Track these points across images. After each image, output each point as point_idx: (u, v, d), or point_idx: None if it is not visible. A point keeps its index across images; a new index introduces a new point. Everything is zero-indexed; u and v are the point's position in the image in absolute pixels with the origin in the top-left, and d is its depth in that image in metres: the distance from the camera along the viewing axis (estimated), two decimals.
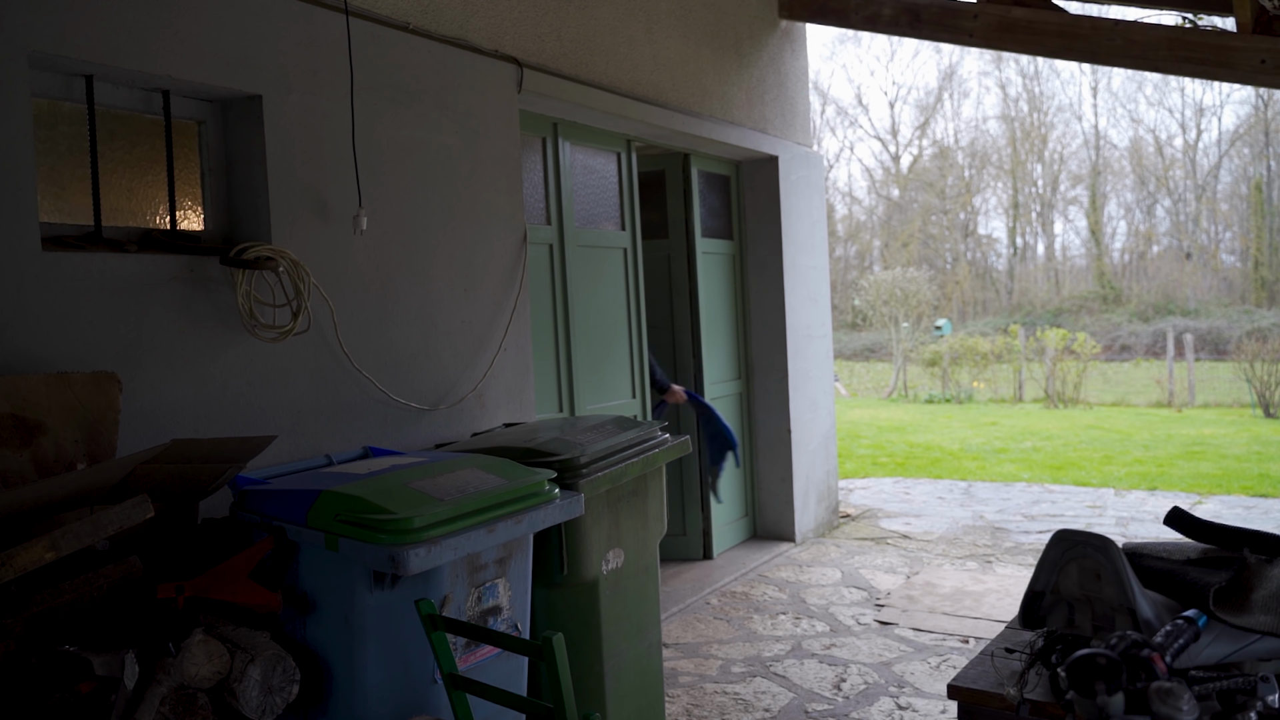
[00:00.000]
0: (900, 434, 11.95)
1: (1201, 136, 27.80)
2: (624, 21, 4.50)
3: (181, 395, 2.59)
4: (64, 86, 2.52)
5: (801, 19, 5.97)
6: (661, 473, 3.20)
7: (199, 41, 2.65)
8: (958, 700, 1.77)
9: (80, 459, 2.16)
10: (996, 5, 5.15)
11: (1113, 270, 27.77)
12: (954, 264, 29.11)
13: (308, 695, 2.20)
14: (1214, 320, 21.52)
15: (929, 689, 3.70)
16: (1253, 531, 2.04)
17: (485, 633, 2.14)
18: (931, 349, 17.97)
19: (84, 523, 1.84)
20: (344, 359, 3.03)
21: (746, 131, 5.51)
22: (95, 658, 1.81)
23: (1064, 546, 1.91)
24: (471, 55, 3.56)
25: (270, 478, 2.49)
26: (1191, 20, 5.12)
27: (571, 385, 4.48)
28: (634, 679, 3.04)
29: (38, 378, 2.14)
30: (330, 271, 2.99)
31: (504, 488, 2.38)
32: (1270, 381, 13.02)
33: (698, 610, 4.73)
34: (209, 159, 2.87)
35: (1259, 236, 25.28)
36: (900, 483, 8.42)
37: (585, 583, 2.84)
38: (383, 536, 2.10)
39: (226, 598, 2.10)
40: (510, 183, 3.75)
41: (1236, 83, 5.05)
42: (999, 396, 16.43)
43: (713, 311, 5.67)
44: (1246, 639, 1.70)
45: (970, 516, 6.83)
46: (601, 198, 4.80)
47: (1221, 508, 6.97)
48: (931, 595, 4.86)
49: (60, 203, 2.53)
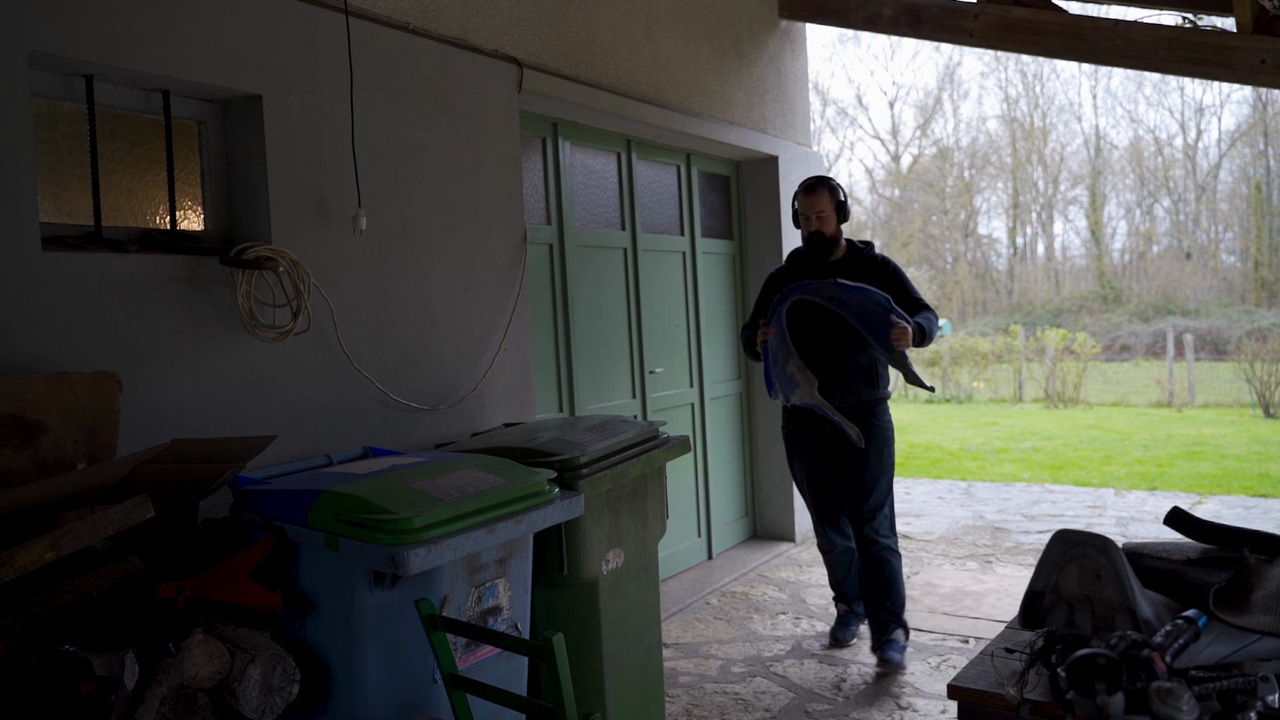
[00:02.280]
0: (900, 434, 11.86)
1: (1201, 136, 27.80)
2: (624, 21, 4.50)
3: (181, 395, 2.59)
4: (64, 86, 2.52)
5: (801, 19, 5.97)
6: (662, 473, 3.20)
7: (199, 41, 2.65)
8: (958, 700, 1.77)
9: (80, 459, 2.16)
10: (996, 5, 5.15)
11: (1113, 270, 27.77)
12: (954, 264, 29.11)
13: (308, 695, 2.20)
14: (1214, 320, 21.52)
15: (929, 689, 3.70)
16: (1253, 531, 2.04)
17: (485, 633, 2.14)
18: (932, 349, 17.96)
19: (84, 523, 1.84)
20: (344, 359, 3.03)
21: (746, 131, 5.51)
22: (95, 658, 1.81)
23: (1064, 546, 1.91)
24: (471, 55, 3.57)
25: (270, 478, 2.49)
26: (1191, 20, 5.11)
27: (571, 385, 4.48)
28: (634, 679, 3.04)
29: (38, 378, 2.14)
30: (330, 271, 2.99)
31: (504, 488, 2.38)
32: (1270, 381, 13.01)
33: (698, 610, 4.73)
34: (209, 159, 2.87)
35: (1259, 236, 25.27)
36: (900, 483, 8.42)
37: (585, 583, 2.84)
38: (383, 536, 2.10)
39: (226, 598, 2.10)
40: (510, 183, 3.75)
41: (1236, 83, 5.05)
42: (999, 396, 16.43)
43: (713, 311, 5.67)
44: (1246, 639, 1.70)
45: (970, 516, 6.83)
46: (601, 198, 4.80)
47: (1221, 508, 6.97)
48: (931, 595, 4.86)
49: (60, 203, 2.53)
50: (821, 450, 4.03)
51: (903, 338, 3.63)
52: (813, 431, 4.01)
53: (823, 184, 3.93)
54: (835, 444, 3.96)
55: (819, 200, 3.90)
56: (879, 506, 3.93)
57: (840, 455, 3.97)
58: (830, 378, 3.86)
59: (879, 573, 3.94)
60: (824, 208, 3.89)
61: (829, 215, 3.90)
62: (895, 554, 3.98)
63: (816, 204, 3.89)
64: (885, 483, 3.95)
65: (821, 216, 3.89)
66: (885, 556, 3.94)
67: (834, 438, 3.94)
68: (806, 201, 3.92)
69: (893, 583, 3.95)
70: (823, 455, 4.04)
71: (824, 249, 3.94)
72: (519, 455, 2.73)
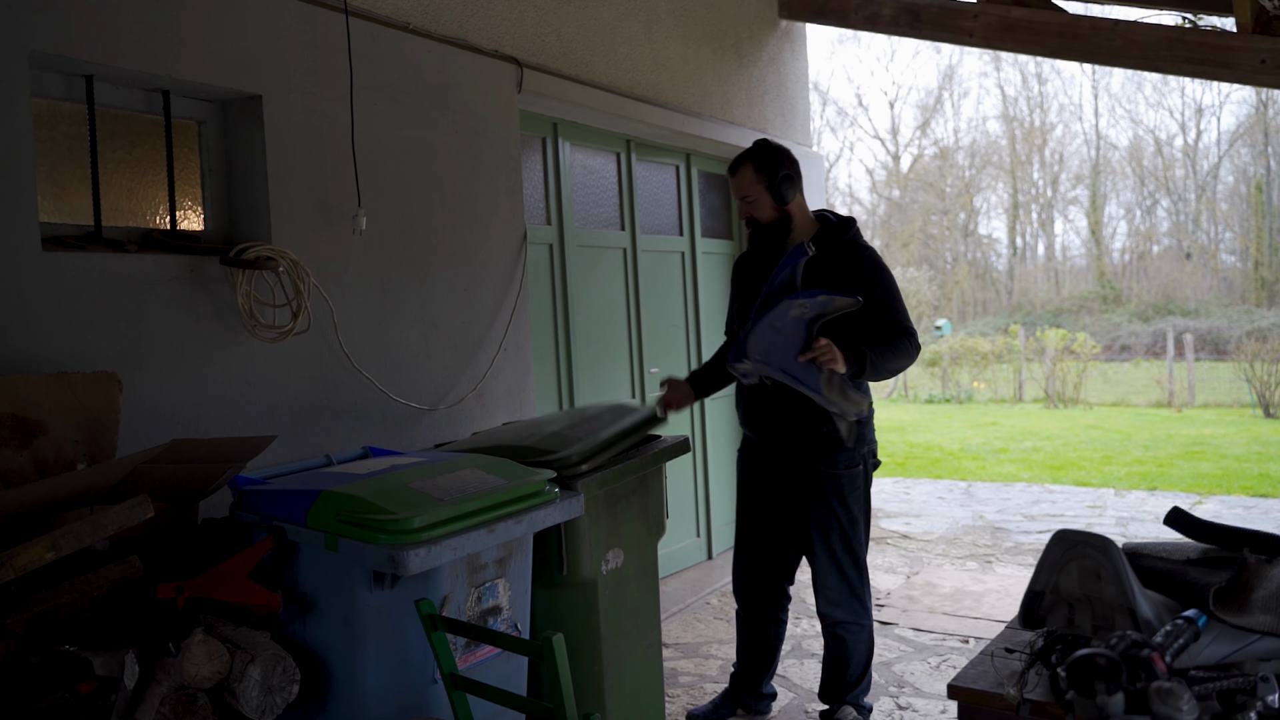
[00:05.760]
0: (900, 434, 11.94)
1: (1201, 136, 27.82)
2: (624, 21, 4.50)
3: (181, 395, 2.59)
4: (64, 86, 2.52)
5: (801, 19, 5.97)
6: (661, 472, 3.20)
7: (199, 41, 2.65)
8: (958, 700, 1.77)
9: (80, 459, 2.16)
10: (996, 5, 5.15)
11: (1113, 270, 27.78)
12: (954, 264, 29.12)
13: (308, 695, 2.20)
14: (1214, 320, 21.52)
15: (929, 689, 3.70)
16: (1253, 531, 2.04)
17: (485, 633, 2.14)
18: (931, 349, 17.96)
19: (84, 523, 1.84)
20: (344, 359, 3.03)
21: (746, 131, 5.51)
22: (95, 658, 1.81)
23: (1064, 546, 1.91)
24: (471, 55, 3.57)
25: (270, 478, 2.49)
26: (1191, 20, 5.11)
27: (571, 385, 4.48)
28: (634, 679, 3.03)
29: (38, 378, 2.14)
30: (330, 271, 2.99)
31: (504, 488, 2.38)
32: (1270, 381, 13.02)
33: (698, 610, 4.73)
34: (209, 159, 2.87)
35: (1259, 236, 25.27)
36: (900, 483, 8.42)
37: (585, 583, 2.84)
38: (382, 536, 2.10)
39: (226, 598, 2.10)
40: (510, 183, 3.75)
41: (1236, 83, 5.05)
42: (999, 396, 16.43)
43: (712, 311, 5.67)
44: (1246, 639, 1.70)
45: (970, 516, 6.83)
46: (601, 198, 4.80)
47: (1221, 508, 6.97)
48: (931, 595, 4.86)
49: (60, 203, 2.53)
50: (762, 484, 3.30)
51: (826, 356, 2.82)
52: (755, 463, 3.33)
53: (744, 160, 3.10)
54: (779, 481, 3.23)
55: (741, 183, 3.10)
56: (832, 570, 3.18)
57: (781, 495, 3.24)
58: (769, 413, 3.18)
59: (829, 649, 3.29)
60: (749, 190, 3.08)
61: (759, 199, 3.07)
62: (858, 626, 3.22)
63: (740, 187, 3.11)
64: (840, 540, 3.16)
65: (750, 201, 3.09)
66: (838, 634, 3.23)
67: (779, 473, 3.23)
68: (731, 185, 3.16)
69: (848, 663, 3.24)
70: (763, 491, 3.30)
71: (771, 235, 3.12)
72: (519, 454, 2.73)
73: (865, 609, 3.23)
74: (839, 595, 3.19)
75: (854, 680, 3.28)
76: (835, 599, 3.20)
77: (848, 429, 2.98)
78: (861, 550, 3.21)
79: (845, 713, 3.26)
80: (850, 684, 3.28)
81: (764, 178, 3.06)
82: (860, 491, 3.18)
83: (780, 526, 3.28)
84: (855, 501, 3.16)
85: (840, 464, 3.12)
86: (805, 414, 3.07)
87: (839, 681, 3.28)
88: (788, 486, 3.21)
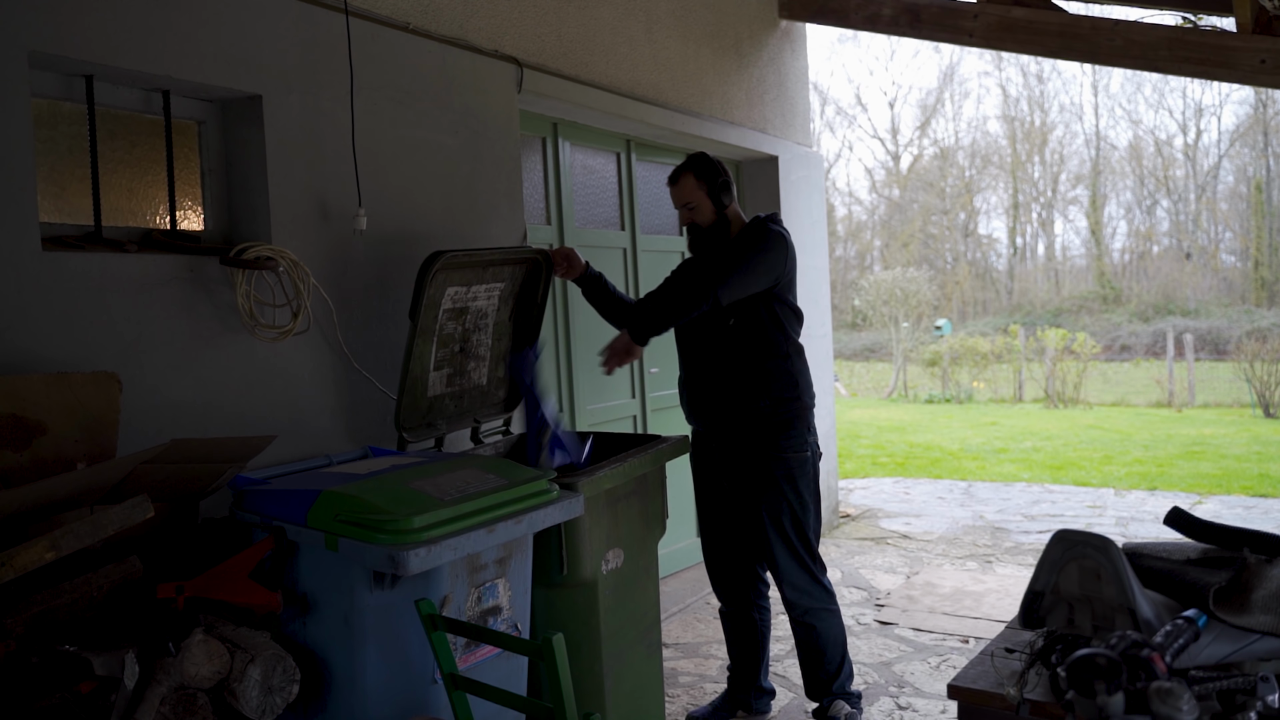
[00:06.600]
0: (900, 434, 11.94)
1: (1201, 136, 27.81)
2: (624, 22, 4.50)
3: (181, 395, 2.59)
4: (64, 86, 2.52)
5: (801, 19, 5.97)
6: (662, 472, 3.20)
7: (199, 41, 2.65)
8: (958, 700, 1.77)
9: (80, 459, 2.16)
10: (996, 5, 5.15)
11: (1113, 270, 27.78)
12: (954, 264, 29.12)
13: (308, 695, 2.20)
14: (1214, 320, 21.53)
15: (929, 689, 3.70)
16: (1253, 531, 2.04)
17: (485, 633, 2.14)
18: (931, 349, 17.97)
19: (84, 523, 1.84)
20: (344, 359, 3.03)
21: (746, 131, 5.51)
22: (95, 658, 1.81)
23: (1064, 546, 1.91)
24: (471, 55, 3.56)
25: (270, 478, 2.49)
26: (1191, 20, 5.11)
27: (571, 385, 4.48)
28: (634, 679, 3.03)
29: (38, 378, 2.14)
30: (330, 271, 2.99)
31: (504, 488, 2.38)
32: (1270, 381, 13.02)
33: (698, 610, 4.73)
34: (209, 159, 2.87)
35: (1259, 236, 25.27)
36: (900, 483, 8.42)
37: (585, 583, 2.84)
38: (382, 537, 2.10)
39: (226, 598, 2.10)
40: (510, 183, 3.75)
41: (1236, 83, 5.05)
42: (999, 396, 16.43)
43: None
44: (1246, 639, 1.70)
45: (970, 516, 6.83)
46: (601, 198, 4.80)
47: (1221, 508, 6.97)
48: (931, 595, 4.86)
49: (60, 203, 2.53)
50: (714, 480, 3.39)
51: (616, 360, 3.15)
52: (704, 456, 3.42)
53: (685, 170, 3.32)
54: (729, 471, 3.33)
55: (683, 191, 3.31)
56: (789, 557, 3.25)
57: (734, 485, 3.33)
58: (708, 398, 3.31)
59: (801, 641, 3.35)
60: (690, 197, 3.30)
61: (700, 204, 3.29)
62: (827, 612, 3.30)
63: (682, 195, 3.32)
64: (791, 525, 3.24)
65: (691, 208, 3.31)
66: (808, 622, 3.29)
67: (727, 463, 3.33)
68: (672, 194, 3.37)
69: (824, 651, 3.31)
70: (715, 486, 3.40)
71: (711, 237, 3.33)
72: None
73: (830, 594, 3.32)
74: (803, 581, 3.27)
75: (835, 669, 3.34)
76: (800, 585, 3.27)
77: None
78: (814, 537, 3.30)
79: (838, 708, 3.32)
80: (833, 674, 3.34)
81: (704, 184, 3.29)
82: (810, 478, 3.28)
83: (738, 515, 3.37)
84: (805, 486, 3.26)
85: (787, 449, 3.24)
86: (739, 392, 3.23)
87: (820, 674, 3.34)
88: (739, 475, 3.31)
